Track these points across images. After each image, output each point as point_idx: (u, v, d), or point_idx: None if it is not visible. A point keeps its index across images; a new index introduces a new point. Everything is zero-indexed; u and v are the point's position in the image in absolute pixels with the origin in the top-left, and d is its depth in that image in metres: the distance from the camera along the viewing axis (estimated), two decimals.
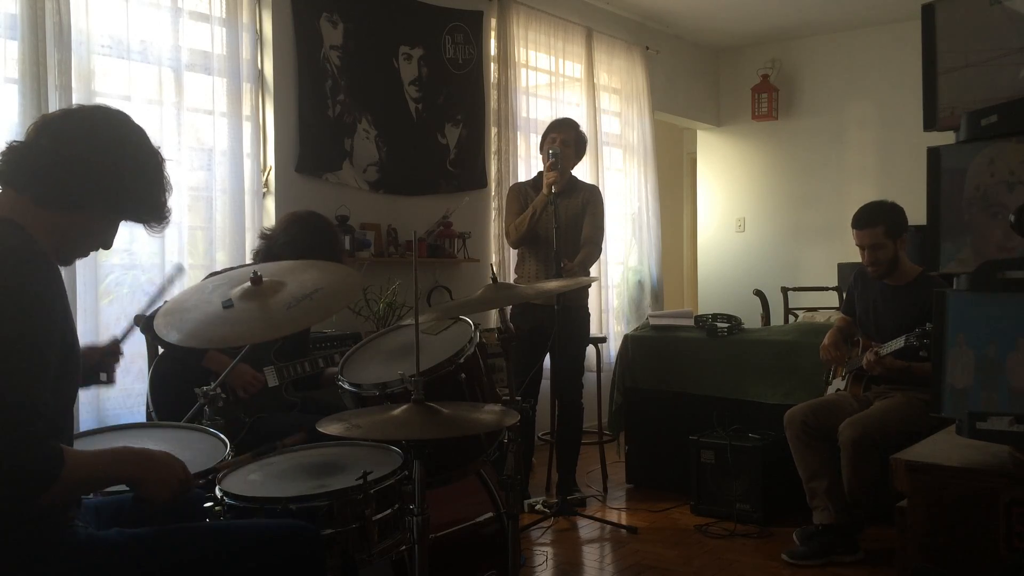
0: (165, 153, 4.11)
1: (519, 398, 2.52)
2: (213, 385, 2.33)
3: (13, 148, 1.64)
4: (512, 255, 5.06)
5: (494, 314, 4.94)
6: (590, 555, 3.76)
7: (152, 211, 1.73)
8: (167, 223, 1.78)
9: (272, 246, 3.18)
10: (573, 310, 4.31)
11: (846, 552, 3.48)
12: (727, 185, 7.88)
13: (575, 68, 6.14)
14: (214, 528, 1.78)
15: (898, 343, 3.43)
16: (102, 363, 2.03)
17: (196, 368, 2.93)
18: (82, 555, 1.57)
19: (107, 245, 1.75)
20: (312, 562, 1.74)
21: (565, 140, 4.26)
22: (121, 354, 2.07)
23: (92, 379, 2.04)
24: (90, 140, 1.63)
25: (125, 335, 2.13)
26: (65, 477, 1.46)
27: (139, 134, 1.71)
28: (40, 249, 1.58)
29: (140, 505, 1.64)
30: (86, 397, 3.54)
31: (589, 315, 4.55)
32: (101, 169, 1.63)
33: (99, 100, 3.60)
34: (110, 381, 2.07)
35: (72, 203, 1.63)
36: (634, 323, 5.99)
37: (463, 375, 2.40)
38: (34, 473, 1.44)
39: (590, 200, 4.37)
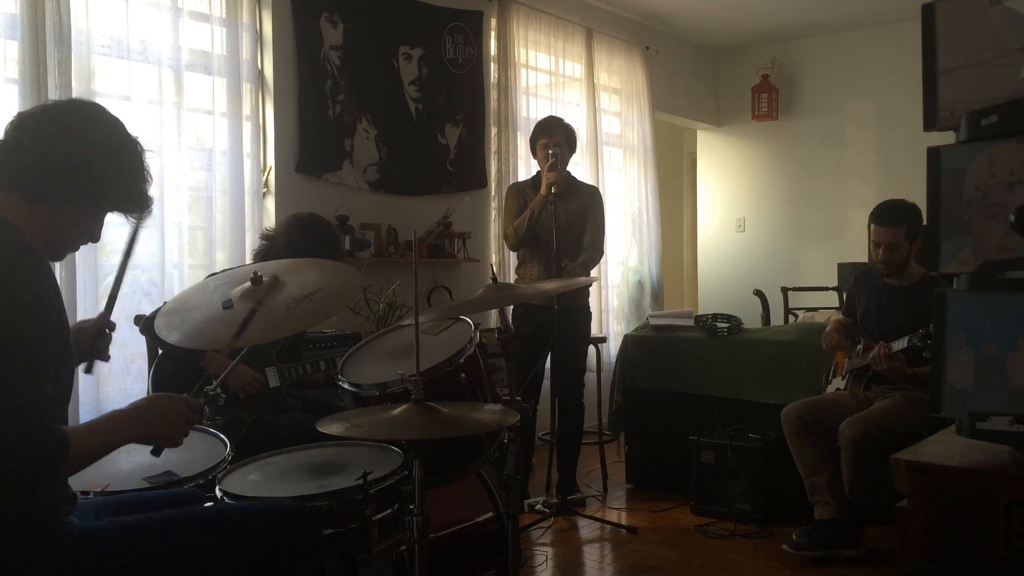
0: (165, 153, 4.11)
1: (519, 398, 2.52)
2: (213, 385, 2.33)
3: None
4: (512, 255, 5.06)
5: (494, 314, 4.94)
6: (590, 555, 3.76)
7: (135, 201, 1.74)
8: (149, 213, 1.78)
9: (272, 248, 3.18)
10: (575, 310, 4.31)
11: (849, 546, 3.48)
12: (727, 185, 7.88)
13: (575, 68, 6.14)
14: (211, 515, 1.79)
15: (901, 343, 3.43)
16: (94, 345, 1.93)
17: (195, 369, 2.93)
18: (77, 547, 1.58)
19: (95, 238, 1.76)
20: (311, 545, 1.74)
21: (557, 142, 4.24)
22: (112, 328, 1.97)
23: (88, 359, 1.93)
24: (71, 134, 1.65)
25: (109, 307, 1.99)
26: (72, 456, 1.51)
27: (116, 125, 1.72)
28: (30, 246, 1.58)
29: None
30: (86, 397, 3.54)
31: (591, 314, 4.54)
32: (84, 162, 1.64)
33: (99, 100, 3.60)
34: (104, 359, 1.93)
35: (59, 197, 1.64)
36: (634, 323, 5.98)
37: (463, 375, 2.40)
38: (44, 459, 1.48)
39: (591, 203, 4.36)
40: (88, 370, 1.94)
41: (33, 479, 1.50)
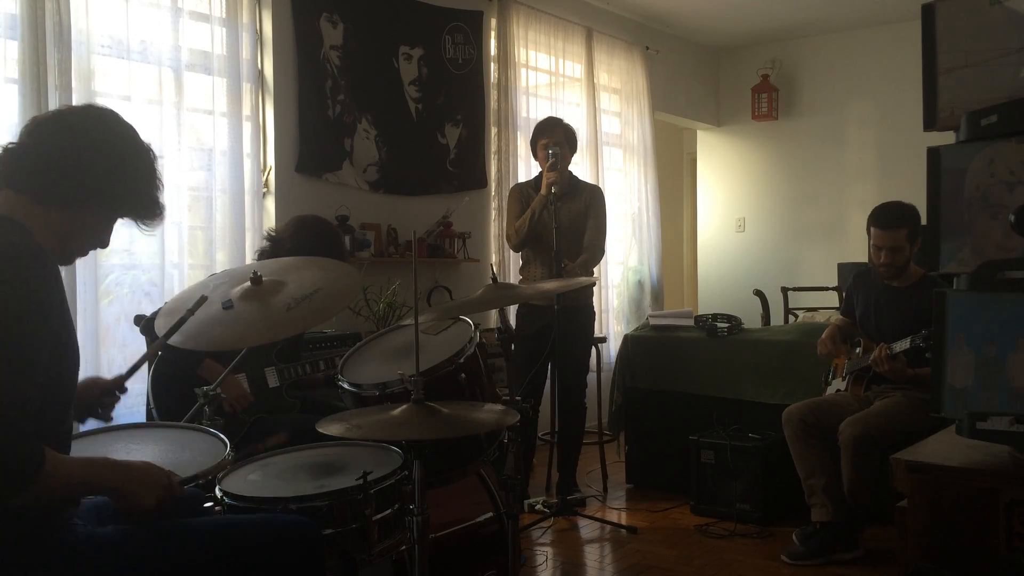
0: (165, 153, 4.12)
1: (519, 398, 2.52)
2: (213, 385, 2.33)
3: (9, 150, 1.65)
4: (512, 255, 5.05)
5: (494, 314, 4.93)
6: (590, 555, 3.76)
7: (147, 207, 1.74)
8: (161, 220, 1.78)
9: (278, 251, 3.18)
10: (578, 310, 4.30)
11: (846, 550, 3.48)
12: (727, 185, 7.88)
13: (575, 68, 6.14)
14: (214, 525, 1.78)
15: (903, 344, 3.43)
16: (100, 401, 1.96)
17: (192, 376, 2.92)
18: (81, 553, 1.57)
19: (104, 244, 1.76)
20: (312, 560, 1.74)
21: (557, 141, 4.24)
22: (123, 391, 2.01)
23: (86, 414, 1.95)
24: (85, 139, 1.65)
25: (131, 373, 2.08)
26: (43, 479, 1.45)
27: (130, 131, 1.72)
28: (39, 247, 1.58)
29: (125, 516, 1.64)
30: None
31: (594, 314, 4.53)
32: (99, 167, 1.65)
33: (99, 100, 3.60)
34: (105, 419, 1.98)
35: (72, 201, 1.64)
36: (634, 323, 5.99)
37: (463, 375, 2.40)
38: (11, 471, 1.43)
39: (592, 202, 4.36)
40: (80, 421, 1.93)
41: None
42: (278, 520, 1.78)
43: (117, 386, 1.98)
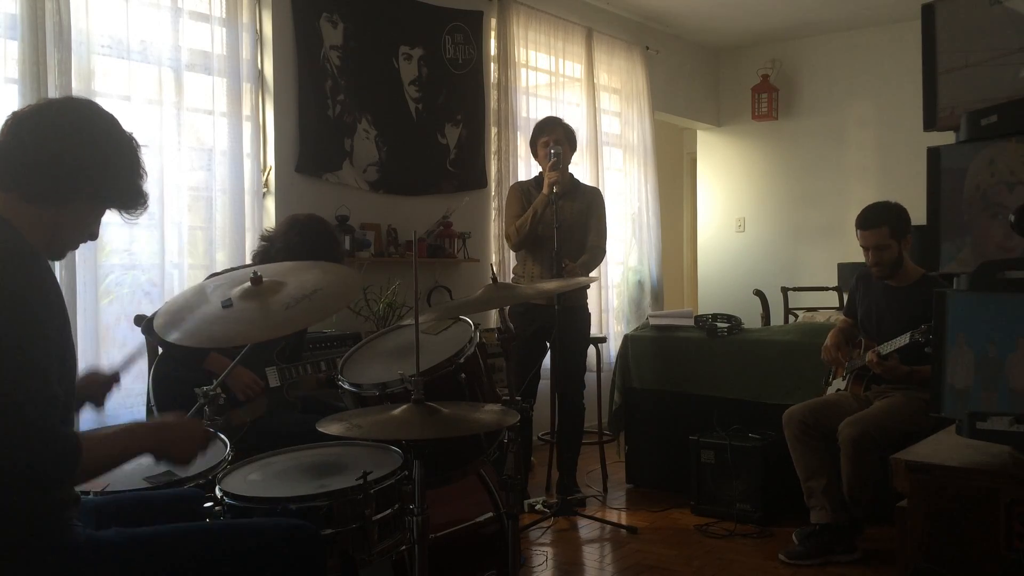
0: (165, 153, 4.11)
1: (519, 398, 2.51)
2: (213, 385, 2.33)
3: None
4: (512, 254, 5.05)
5: (494, 314, 4.94)
6: (590, 555, 3.76)
7: (132, 198, 1.74)
8: (145, 209, 1.78)
9: (270, 250, 3.18)
10: (575, 311, 4.31)
11: (844, 552, 3.49)
12: (727, 185, 7.88)
13: (575, 68, 6.14)
14: (214, 528, 1.79)
15: (903, 340, 3.44)
16: (97, 392, 2.01)
17: (197, 370, 2.92)
18: (81, 556, 1.57)
19: (95, 236, 1.76)
20: (312, 562, 1.74)
21: (558, 140, 4.24)
22: (118, 383, 2.06)
23: (82, 403, 2.00)
24: (68, 133, 1.65)
25: (127, 364, 2.11)
26: (84, 462, 1.49)
27: (112, 122, 1.71)
28: (30, 246, 1.58)
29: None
30: None
31: (590, 315, 4.54)
32: (84, 162, 1.64)
33: (99, 100, 3.59)
34: (99, 406, 2.02)
35: (59, 197, 1.64)
36: (634, 323, 5.99)
37: (463, 375, 2.40)
38: (55, 464, 1.47)
39: (593, 203, 4.36)
40: (99, 405, 1.97)
41: (43, 482, 1.48)
42: (277, 522, 1.77)
43: (114, 379, 2.04)
